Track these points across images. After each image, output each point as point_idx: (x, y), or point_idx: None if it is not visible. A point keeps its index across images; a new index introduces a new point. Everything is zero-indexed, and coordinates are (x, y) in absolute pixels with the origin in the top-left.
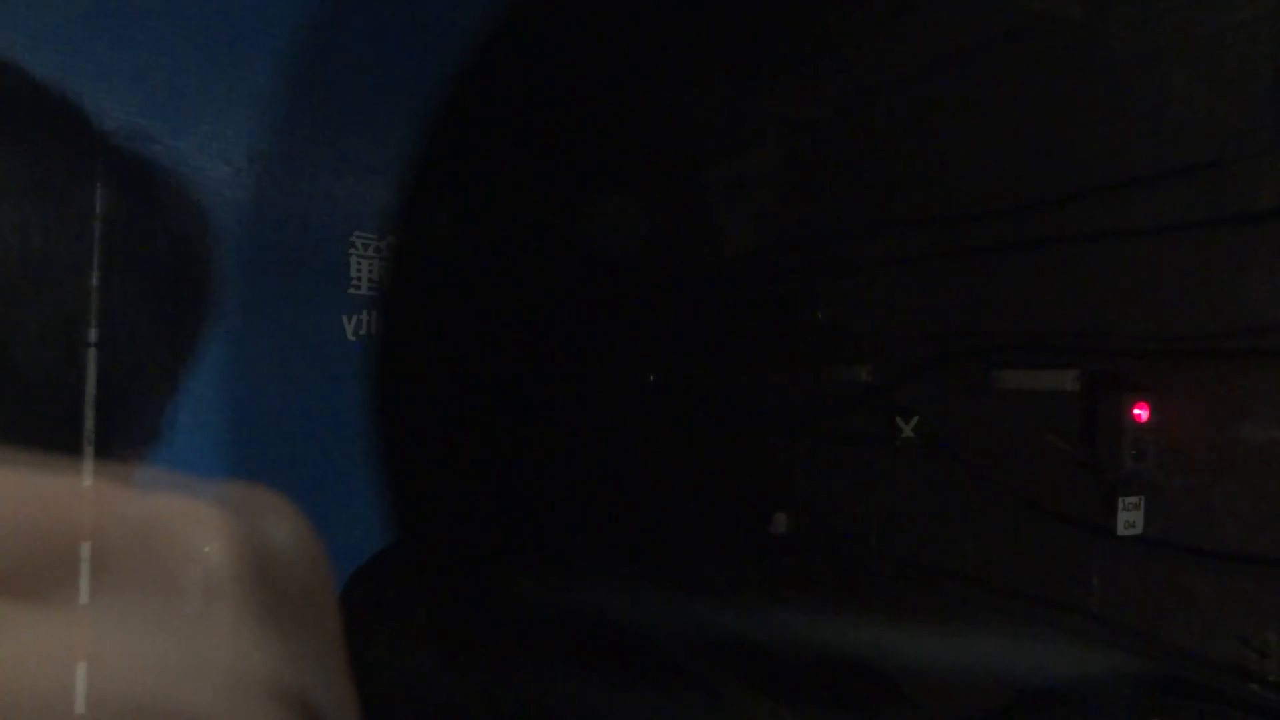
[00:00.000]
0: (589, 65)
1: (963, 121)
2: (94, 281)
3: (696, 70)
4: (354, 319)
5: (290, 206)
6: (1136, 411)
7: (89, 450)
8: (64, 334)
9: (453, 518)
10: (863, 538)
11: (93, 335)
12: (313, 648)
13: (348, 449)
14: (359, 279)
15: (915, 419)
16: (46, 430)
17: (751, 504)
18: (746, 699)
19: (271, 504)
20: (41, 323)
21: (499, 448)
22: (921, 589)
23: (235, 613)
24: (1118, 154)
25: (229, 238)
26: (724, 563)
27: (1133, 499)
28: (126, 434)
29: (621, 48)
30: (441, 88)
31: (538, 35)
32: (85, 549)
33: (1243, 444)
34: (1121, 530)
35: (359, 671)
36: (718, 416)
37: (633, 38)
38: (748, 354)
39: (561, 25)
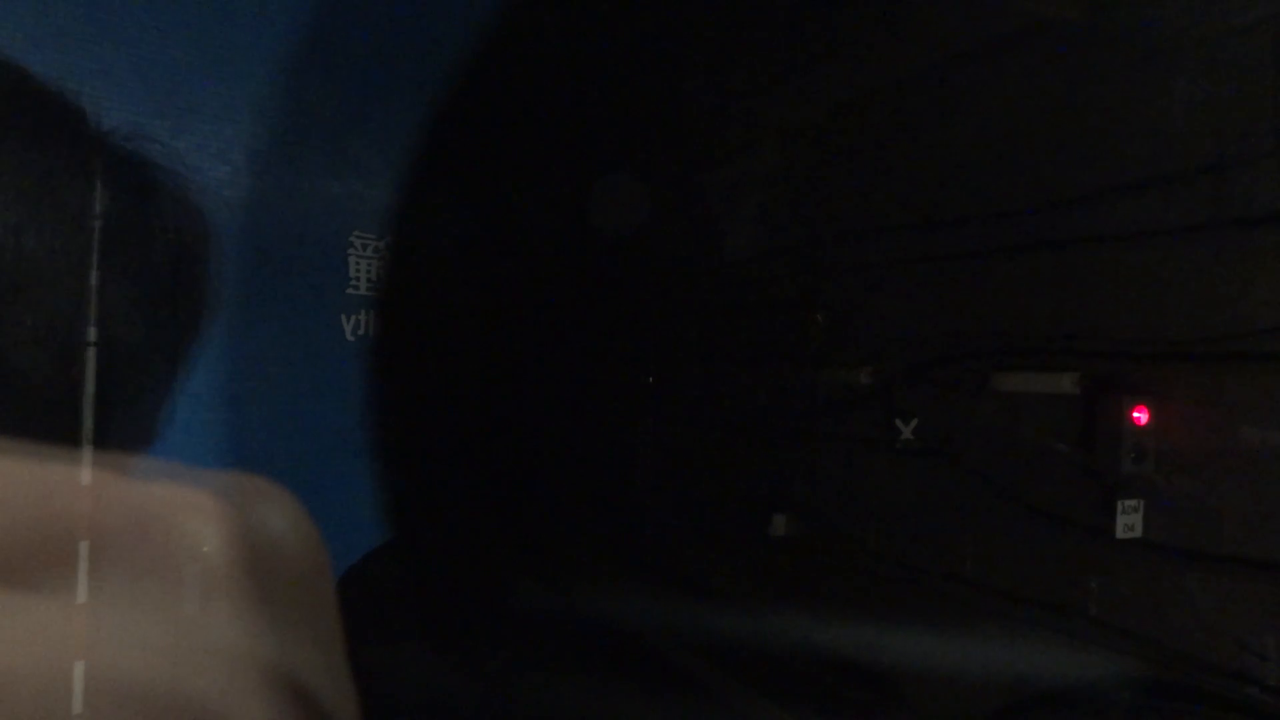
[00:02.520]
0: (589, 67)
1: (962, 124)
2: (93, 281)
3: (697, 71)
4: (353, 319)
5: (289, 206)
6: (1136, 414)
7: (88, 450)
8: (63, 334)
9: (451, 518)
10: (862, 540)
11: (92, 335)
12: (310, 636)
13: (346, 449)
14: (358, 279)
15: (915, 421)
16: (46, 430)
17: (751, 506)
18: (745, 701)
19: (268, 493)
20: (40, 322)
21: (498, 448)
22: (920, 591)
23: (233, 603)
24: (1117, 157)
25: (228, 237)
26: (723, 564)
27: (1132, 502)
28: (125, 433)
29: (621, 51)
30: (441, 88)
31: (537, 36)
32: (84, 548)
33: (1242, 447)
34: (1121, 533)
35: (356, 672)
36: (717, 418)
37: (632, 40)
38: (748, 355)
39: (561, 26)
